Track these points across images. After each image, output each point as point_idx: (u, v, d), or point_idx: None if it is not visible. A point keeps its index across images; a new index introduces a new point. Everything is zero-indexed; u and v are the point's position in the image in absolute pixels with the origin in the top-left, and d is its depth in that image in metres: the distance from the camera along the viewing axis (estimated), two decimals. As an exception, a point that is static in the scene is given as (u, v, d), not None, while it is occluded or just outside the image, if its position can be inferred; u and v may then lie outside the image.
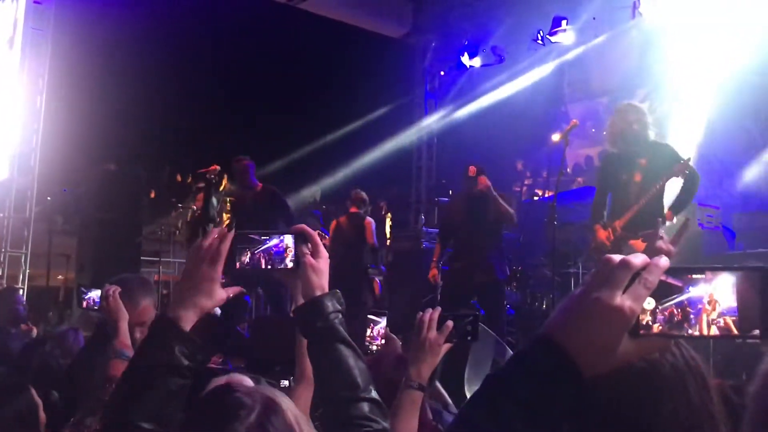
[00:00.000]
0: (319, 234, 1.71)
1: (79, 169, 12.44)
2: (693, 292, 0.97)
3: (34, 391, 2.75)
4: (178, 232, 14.08)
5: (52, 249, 11.15)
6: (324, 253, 1.68)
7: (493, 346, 5.11)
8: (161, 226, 10.88)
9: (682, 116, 10.17)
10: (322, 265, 1.66)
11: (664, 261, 0.98)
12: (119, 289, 3.05)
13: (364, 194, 9.68)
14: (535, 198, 11.00)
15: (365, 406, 1.51)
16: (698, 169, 5.83)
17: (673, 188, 5.75)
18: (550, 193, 10.52)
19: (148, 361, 1.56)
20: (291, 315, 1.75)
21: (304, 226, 1.71)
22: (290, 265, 1.67)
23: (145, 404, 1.51)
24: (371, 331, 2.78)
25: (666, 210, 5.64)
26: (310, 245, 1.68)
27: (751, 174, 9.54)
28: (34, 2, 10.82)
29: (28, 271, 11.05)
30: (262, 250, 1.69)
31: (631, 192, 5.69)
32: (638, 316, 0.96)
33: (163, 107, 13.60)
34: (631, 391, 1.38)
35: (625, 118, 5.80)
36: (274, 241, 1.69)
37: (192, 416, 1.43)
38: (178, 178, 15.58)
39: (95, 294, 3.32)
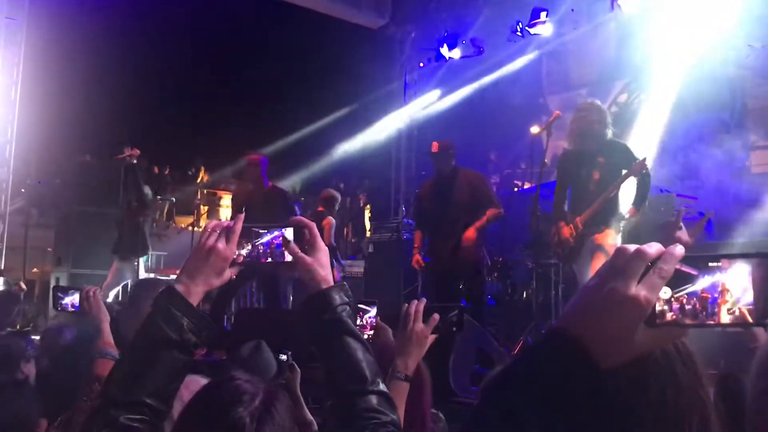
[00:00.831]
0: None
1: (55, 161, 12.30)
2: (707, 280, 0.96)
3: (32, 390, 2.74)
4: (155, 224, 13.99)
5: (27, 242, 11.02)
6: (321, 246, 1.67)
7: (478, 336, 5.14)
8: (140, 218, 10.75)
9: (656, 107, 10.28)
10: (322, 257, 1.65)
11: (679, 250, 0.97)
12: (98, 290, 3.03)
13: (332, 192, 9.68)
14: (515, 189, 11.05)
15: (373, 399, 1.51)
16: (674, 160, 6.06)
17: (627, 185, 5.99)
18: (530, 185, 10.63)
19: (155, 334, 1.53)
20: (284, 308, 1.75)
21: (302, 218, 1.70)
22: (289, 258, 1.66)
23: (150, 380, 1.49)
24: (361, 321, 2.79)
25: (630, 206, 5.94)
26: (308, 238, 1.67)
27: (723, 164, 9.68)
28: (8, -9, 10.67)
29: (2, 264, 10.92)
30: (263, 243, 1.69)
31: (590, 189, 5.95)
32: (654, 306, 0.95)
33: (139, 98, 13.47)
34: (617, 372, 1.40)
35: (588, 117, 6.00)
36: (275, 234, 1.68)
37: (192, 403, 1.43)
38: (155, 169, 15.47)
39: (73, 298, 3.23)
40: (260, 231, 1.70)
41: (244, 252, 1.69)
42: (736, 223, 8.02)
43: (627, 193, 6.01)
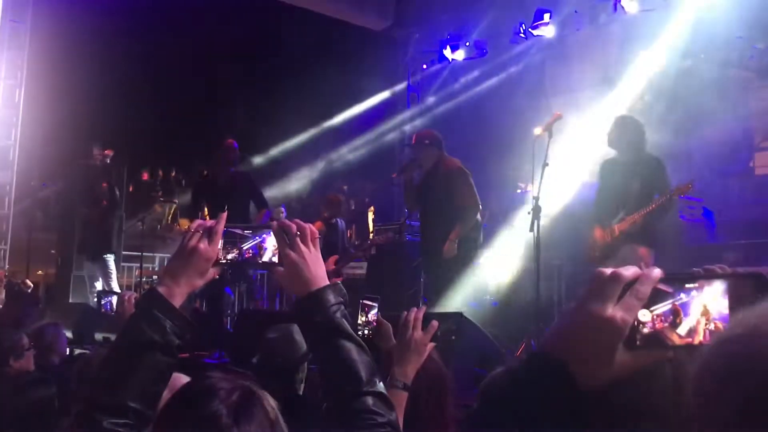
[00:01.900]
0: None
1: (59, 163, 12.33)
2: (684, 297, 0.98)
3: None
4: (159, 226, 14.01)
5: (31, 244, 11.05)
6: (301, 247, 1.62)
7: (478, 338, 5.12)
8: (142, 221, 10.78)
9: (660, 108, 10.26)
10: (307, 258, 1.62)
11: (656, 272, 0.99)
12: (135, 295, 3.19)
13: (335, 197, 9.61)
14: (518, 191, 11.01)
15: (369, 400, 1.49)
16: (678, 161, 6.13)
17: None
18: (531, 186, 10.59)
19: (138, 337, 1.52)
20: (286, 309, 1.74)
21: (282, 221, 1.68)
22: (275, 260, 1.65)
23: (134, 383, 1.48)
24: (365, 317, 2.78)
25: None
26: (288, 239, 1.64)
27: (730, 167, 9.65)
28: (12, -6, 10.70)
29: (7, 266, 10.95)
30: (250, 246, 1.68)
31: (628, 199, 6.05)
32: (635, 327, 0.97)
33: (144, 101, 13.50)
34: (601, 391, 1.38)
35: (624, 127, 6.29)
36: (262, 237, 1.67)
37: (170, 400, 1.41)
38: (160, 173, 15.50)
39: (111, 301, 3.51)
40: (245, 234, 1.68)
41: (230, 256, 1.67)
42: (739, 224, 7.99)
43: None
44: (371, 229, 10.66)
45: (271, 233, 1.67)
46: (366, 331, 2.73)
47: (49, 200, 13.51)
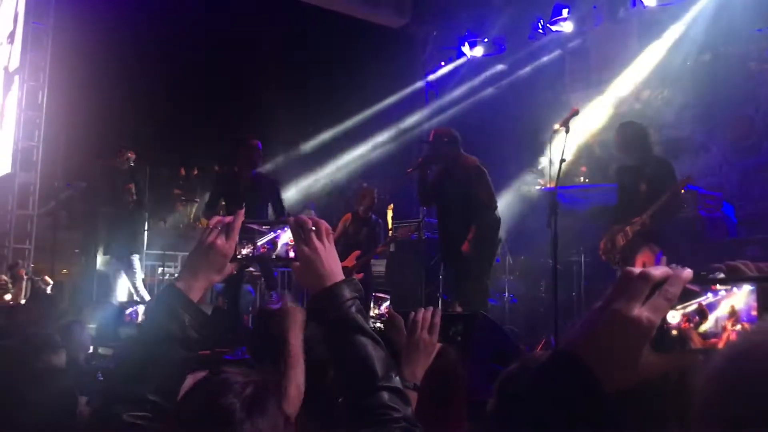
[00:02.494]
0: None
1: (82, 163, 12.45)
2: (711, 297, 0.95)
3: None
4: (182, 225, 14.11)
5: (56, 244, 11.18)
6: (315, 242, 1.63)
7: (496, 335, 5.12)
8: (164, 220, 10.87)
9: (679, 102, 10.20)
10: (321, 253, 1.62)
11: (687, 273, 0.96)
12: None
13: (368, 189, 9.55)
14: (537, 188, 10.99)
15: (384, 395, 1.49)
16: (696, 156, 6.14)
17: None
18: (552, 183, 10.57)
19: (158, 331, 1.55)
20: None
21: (299, 216, 1.70)
22: (291, 255, 1.67)
23: (153, 376, 1.50)
24: (378, 309, 2.78)
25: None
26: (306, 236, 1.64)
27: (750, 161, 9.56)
28: (34, -4, 10.85)
29: (32, 265, 11.10)
30: (266, 242, 1.70)
31: (637, 201, 6.13)
32: (663, 329, 0.94)
33: (165, 100, 13.59)
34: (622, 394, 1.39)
35: (628, 130, 6.40)
36: (277, 232, 1.70)
37: (185, 395, 1.44)
38: (182, 171, 15.58)
39: (134, 310, 3.35)
40: (262, 229, 1.71)
41: (246, 251, 1.70)
42: (760, 219, 7.92)
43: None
44: (390, 226, 10.68)
45: (286, 229, 1.68)
46: (378, 324, 2.73)
47: (73, 200, 13.65)
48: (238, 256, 1.69)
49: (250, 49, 13.21)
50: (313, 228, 1.64)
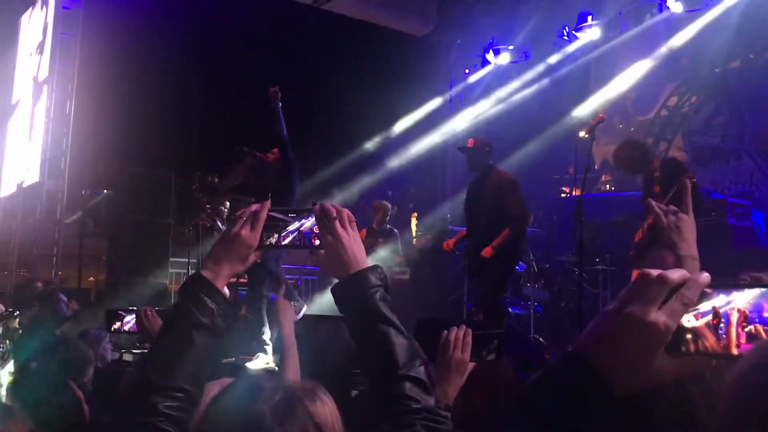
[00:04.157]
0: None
1: (109, 172, 12.59)
2: (723, 300, 0.92)
3: (74, 386, 2.81)
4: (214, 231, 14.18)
5: (83, 251, 11.30)
6: (338, 230, 1.62)
7: (521, 344, 5.09)
8: (190, 227, 10.92)
9: (708, 110, 10.08)
10: (345, 241, 1.61)
11: (704, 277, 0.93)
12: (153, 309, 3.09)
13: (381, 203, 9.58)
14: (562, 195, 10.92)
15: (405, 385, 1.47)
16: (726, 164, 6.05)
17: None
18: (577, 191, 10.49)
19: (188, 319, 1.55)
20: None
21: (324, 204, 1.68)
22: (317, 242, 1.67)
23: (186, 364, 1.50)
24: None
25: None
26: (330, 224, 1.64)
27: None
28: (63, 7, 10.99)
29: (60, 272, 11.22)
30: (290, 231, 1.70)
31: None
32: (679, 333, 0.91)
33: (193, 108, 13.70)
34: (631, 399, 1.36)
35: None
36: (302, 221, 1.69)
37: (213, 400, 1.43)
38: (209, 179, 15.67)
39: (129, 319, 3.31)
40: (287, 219, 1.70)
41: (272, 240, 1.70)
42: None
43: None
44: (414, 234, 10.66)
45: (310, 218, 1.68)
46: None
47: (99, 208, 13.79)
48: (265, 244, 1.70)
49: (276, 58, 13.28)
50: (336, 216, 1.64)
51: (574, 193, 10.78)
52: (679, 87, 11.05)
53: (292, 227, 1.70)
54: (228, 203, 10.46)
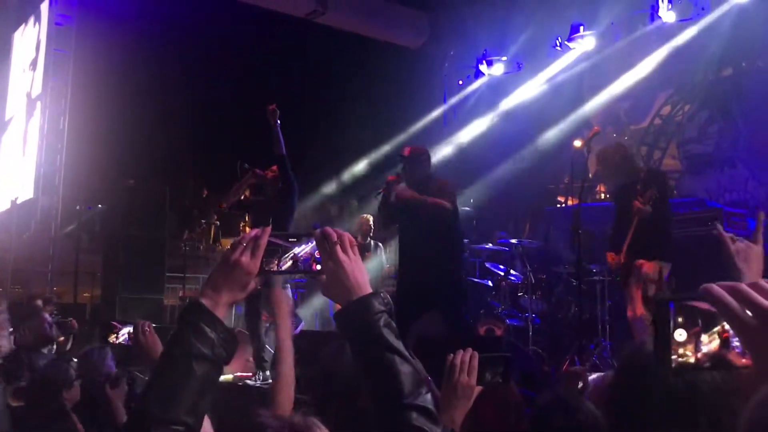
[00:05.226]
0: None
1: (102, 187, 12.57)
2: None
3: (75, 418, 2.77)
4: (201, 246, 14.17)
5: (78, 267, 11.25)
6: (340, 255, 1.58)
7: (521, 358, 5.07)
8: (185, 242, 10.92)
9: (702, 118, 10.11)
10: (346, 266, 1.58)
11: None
12: (151, 324, 3.04)
13: (364, 218, 9.48)
14: (558, 205, 10.93)
15: (411, 414, 1.44)
16: (722, 171, 5.98)
17: None
18: (573, 201, 10.50)
19: (187, 349, 1.50)
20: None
21: (325, 228, 1.65)
22: (317, 268, 1.64)
23: (185, 396, 1.46)
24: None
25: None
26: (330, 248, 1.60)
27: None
28: (56, 24, 10.98)
29: (55, 288, 11.17)
30: (290, 256, 1.68)
31: (633, 217, 5.87)
32: (669, 349, 0.93)
33: (185, 124, 13.71)
34: (670, 411, 1.37)
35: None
36: (302, 247, 1.67)
37: None
38: (205, 192, 15.67)
39: (127, 331, 3.23)
40: (287, 244, 1.68)
41: (273, 266, 1.66)
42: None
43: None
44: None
45: (310, 243, 1.65)
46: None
47: (93, 223, 13.75)
48: (265, 269, 1.66)
49: (269, 73, 13.30)
50: (337, 241, 1.60)
51: (569, 203, 10.80)
52: (672, 96, 11.07)
53: (292, 252, 1.68)
54: (216, 218, 10.40)
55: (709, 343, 0.94)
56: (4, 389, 4.11)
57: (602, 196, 11.00)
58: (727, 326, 0.93)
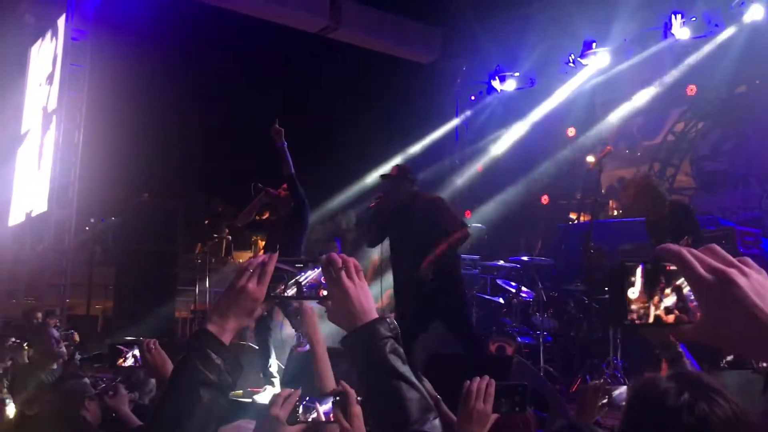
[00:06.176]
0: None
1: (116, 201, 12.65)
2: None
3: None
4: (213, 260, 14.20)
5: (92, 279, 11.31)
6: (345, 281, 1.58)
7: (532, 378, 5.04)
8: (197, 256, 10.95)
9: (715, 136, 10.07)
10: (351, 292, 1.57)
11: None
12: (156, 341, 3.02)
13: None
14: (570, 223, 10.89)
15: None
16: (735, 189, 5.97)
17: None
18: (585, 217, 10.47)
19: (194, 376, 1.51)
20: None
21: (330, 254, 1.64)
22: (325, 293, 1.63)
23: (193, 423, 1.47)
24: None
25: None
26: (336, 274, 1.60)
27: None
28: (72, 39, 11.09)
29: (68, 300, 11.22)
30: (297, 282, 1.67)
31: None
32: (624, 306, 1.01)
33: (199, 138, 13.79)
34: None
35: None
36: (308, 273, 1.67)
37: None
38: (220, 208, 15.72)
39: (133, 353, 3.19)
40: (294, 270, 1.67)
41: (279, 291, 1.66)
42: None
43: None
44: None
45: (315, 269, 1.64)
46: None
47: (107, 236, 13.83)
48: (272, 294, 1.66)
49: (281, 88, 13.37)
50: (342, 267, 1.60)
51: (582, 219, 10.77)
52: (686, 112, 11.04)
53: (299, 279, 1.69)
54: (228, 232, 10.41)
55: (664, 300, 1.02)
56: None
57: (614, 213, 10.96)
58: (679, 282, 1.02)
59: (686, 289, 1.01)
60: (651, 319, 1.01)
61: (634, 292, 1.01)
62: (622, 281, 1.02)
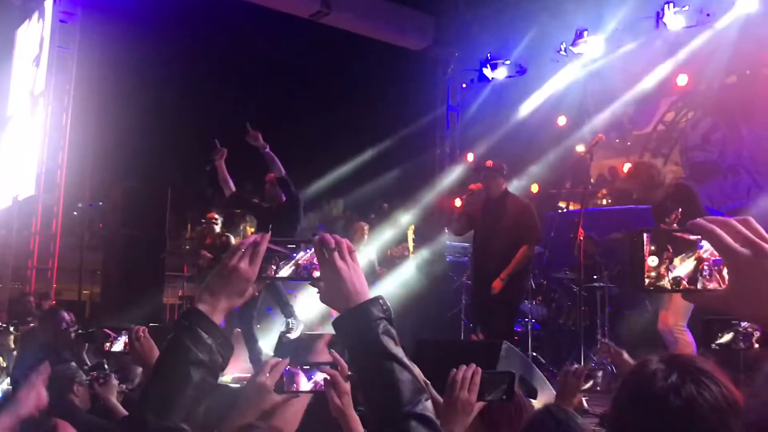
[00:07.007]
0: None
1: (104, 185, 12.57)
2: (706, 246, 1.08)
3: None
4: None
5: (81, 264, 11.24)
6: (337, 261, 1.56)
7: (521, 365, 5.04)
8: (186, 242, 10.89)
9: (705, 125, 10.08)
10: (344, 273, 1.55)
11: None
12: (145, 329, 3.01)
13: (359, 224, 9.50)
14: (559, 211, 10.89)
15: (410, 422, 1.42)
16: (725, 179, 5.96)
17: None
18: (575, 206, 10.48)
19: (185, 356, 1.49)
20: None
21: (323, 235, 1.62)
22: (316, 274, 1.62)
23: (183, 403, 1.46)
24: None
25: None
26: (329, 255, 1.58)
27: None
28: (60, 21, 10.98)
29: (55, 285, 11.16)
30: (291, 263, 1.65)
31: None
32: (642, 271, 1.07)
33: (188, 122, 13.70)
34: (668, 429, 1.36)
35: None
36: (301, 253, 1.65)
37: None
38: (209, 192, 15.60)
39: (123, 339, 3.18)
40: (286, 251, 1.66)
41: (271, 272, 1.64)
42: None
43: None
44: (411, 249, 10.59)
45: (309, 250, 1.63)
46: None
47: (94, 221, 13.74)
48: (263, 275, 1.64)
49: (273, 74, 13.30)
50: (335, 247, 1.58)
51: (570, 208, 10.78)
52: (676, 102, 11.04)
53: (291, 259, 1.67)
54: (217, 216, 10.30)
55: (681, 267, 1.08)
56: None
57: (604, 201, 10.98)
58: (703, 254, 1.08)
59: (707, 260, 1.07)
60: (668, 285, 1.08)
61: (654, 260, 1.08)
62: (640, 248, 1.08)
